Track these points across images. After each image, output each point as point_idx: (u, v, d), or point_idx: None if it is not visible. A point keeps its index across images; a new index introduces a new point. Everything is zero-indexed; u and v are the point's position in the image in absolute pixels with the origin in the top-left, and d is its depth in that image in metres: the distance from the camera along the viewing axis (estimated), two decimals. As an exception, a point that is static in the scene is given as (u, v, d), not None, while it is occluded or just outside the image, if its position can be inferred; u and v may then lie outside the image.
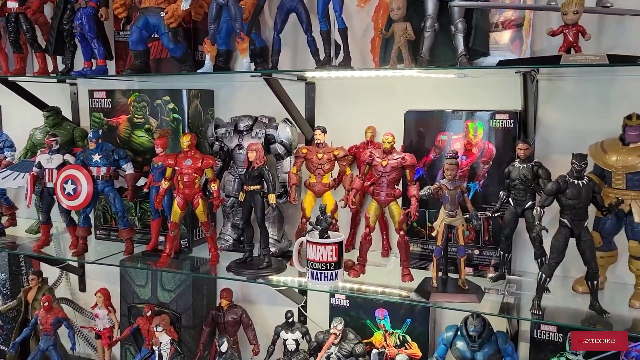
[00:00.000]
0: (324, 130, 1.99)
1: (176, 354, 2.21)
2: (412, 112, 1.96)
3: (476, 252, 1.92)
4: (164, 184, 2.03)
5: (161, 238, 2.15)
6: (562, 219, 1.57)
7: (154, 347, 2.15)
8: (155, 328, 2.13)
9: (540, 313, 1.58)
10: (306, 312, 2.30)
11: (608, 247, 1.74)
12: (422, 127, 1.95)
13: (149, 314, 2.26)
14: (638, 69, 1.71)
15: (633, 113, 1.62)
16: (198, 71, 1.95)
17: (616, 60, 1.43)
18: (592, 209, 1.67)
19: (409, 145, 1.97)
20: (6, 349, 2.56)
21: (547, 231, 1.60)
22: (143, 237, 2.29)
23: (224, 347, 2.02)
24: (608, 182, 1.67)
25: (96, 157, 2.11)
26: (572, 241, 1.61)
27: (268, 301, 2.41)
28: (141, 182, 2.23)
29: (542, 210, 1.58)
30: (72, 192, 2.11)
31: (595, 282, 1.57)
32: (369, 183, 1.92)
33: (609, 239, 1.72)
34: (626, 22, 1.69)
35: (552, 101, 1.89)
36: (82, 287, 2.76)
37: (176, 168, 2.01)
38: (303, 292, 2.31)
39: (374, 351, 1.85)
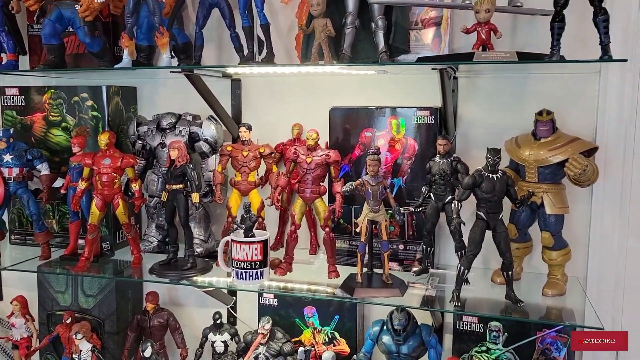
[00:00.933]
0: (249, 128, 1.96)
1: (98, 361, 2.12)
2: (337, 108, 1.97)
3: (401, 247, 1.94)
4: (81, 185, 1.95)
5: (82, 242, 2.06)
6: (479, 212, 1.62)
7: (73, 356, 2.05)
8: (74, 335, 2.03)
9: (459, 304, 1.62)
10: (236, 313, 2.27)
11: (523, 239, 1.80)
12: (348, 124, 1.96)
13: (68, 321, 2.15)
14: (549, 67, 1.80)
15: (543, 109, 1.69)
16: (115, 66, 1.87)
17: (525, 57, 1.49)
18: (508, 202, 1.73)
19: (335, 142, 1.97)
20: None
21: (464, 224, 1.64)
22: (62, 241, 2.19)
23: (147, 353, 1.95)
24: (522, 176, 1.73)
25: (7, 158, 2.00)
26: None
27: (197, 303, 2.36)
28: (59, 183, 2.13)
29: (459, 204, 1.62)
30: (-19, 195, 1.98)
31: (510, 272, 1.62)
32: (295, 181, 1.91)
33: (524, 231, 1.79)
34: (537, 21, 1.76)
35: (471, 98, 1.95)
36: (-2, 296, 2.60)
37: (94, 168, 1.92)
38: (232, 292, 2.27)
39: (300, 349, 1.84)
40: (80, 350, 2.04)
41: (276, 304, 2.10)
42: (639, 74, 1.77)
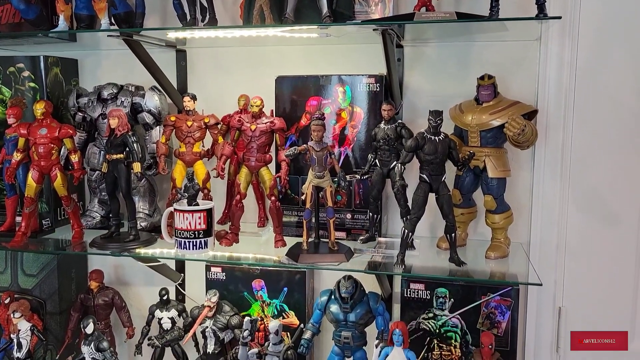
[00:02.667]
0: (194, 97, 1.92)
1: (39, 342, 2.03)
2: (283, 78, 1.95)
3: (348, 216, 1.94)
4: (16, 156, 1.87)
5: (19, 219, 1.97)
6: (422, 175, 1.62)
7: (12, 336, 1.97)
8: (12, 314, 1.95)
9: (404, 267, 1.62)
10: (184, 290, 2.22)
11: (468, 204, 1.82)
12: (294, 93, 1.94)
13: (7, 301, 2.06)
14: (492, 35, 1.82)
15: (485, 74, 1.70)
16: (50, 31, 1.80)
17: (464, 17, 1.49)
18: (453, 168, 1.75)
19: (282, 112, 1.95)
20: None
21: (407, 186, 1.64)
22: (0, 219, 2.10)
23: (89, 329, 1.88)
24: (465, 142, 1.75)
25: None
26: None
27: (143, 282, 2.30)
28: (-8, 157, 2.03)
29: (403, 167, 1.62)
30: None
31: (453, 234, 1.63)
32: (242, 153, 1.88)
33: (468, 196, 1.80)
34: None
35: (417, 67, 1.95)
36: None
37: (30, 138, 1.85)
38: (180, 269, 2.22)
39: (246, 319, 1.80)
40: (19, 330, 1.95)
41: (224, 277, 2.06)
42: (578, 42, 1.81)
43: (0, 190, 2.13)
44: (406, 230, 1.63)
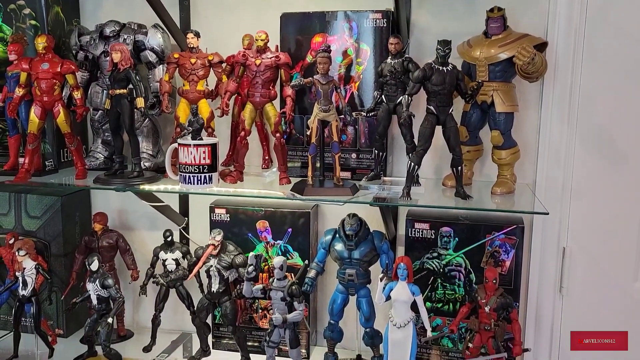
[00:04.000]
0: (197, 34, 1.89)
1: (45, 283, 2.04)
2: (288, 15, 1.91)
3: (353, 155, 1.92)
4: (19, 91, 1.84)
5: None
6: (429, 106, 1.60)
7: (17, 274, 1.97)
8: (17, 252, 1.95)
9: (410, 199, 1.61)
10: (188, 234, 2.22)
11: (474, 142, 1.80)
12: (299, 31, 1.91)
13: (11, 241, 2.06)
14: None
15: (495, 6, 1.68)
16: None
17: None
18: (459, 105, 1.73)
19: (287, 50, 1.91)
20: None
21: (414, 116, 1.63)
22: (2, 160, 2.08)
23: (94, 266, 1.89)
24: (473, 77, 1.72)
25: (-64, 64, 1.88)
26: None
27: (147, 226, 2.30)
28: (-5, 97, 2.01)
29: (409, 98, 1.60)
30: None
31: (459, 167, 1.62)
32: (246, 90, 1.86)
33: (475, 133, 1.79)
34: None
35: (425, 5, 1.92)
36: (-63, 227, 2.48)
37: (32, 73, 1.82)
38: (184, 213, 2.22)
39: (251, 254, 1.80)
40: (24, 268, 1.96)
41: (228, 219, 2.06)
42: (589, -23, 1.78)
43: (2, 131, 2.11)
44: (412, 163, 1.62)
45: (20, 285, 1.97)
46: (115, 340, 2.11)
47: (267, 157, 2.07)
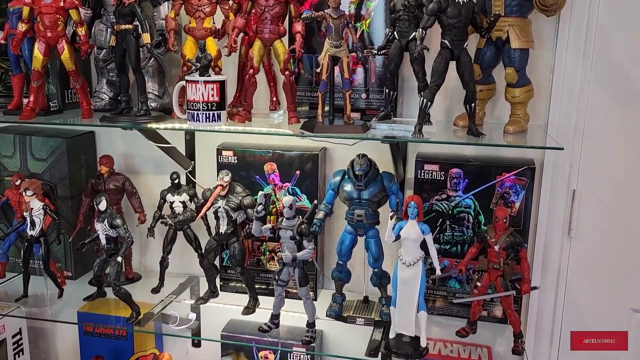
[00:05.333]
0: (203, -32, 1.83)
1: (53, 223, 2.04)
2: (297, -51, 1.85)
3: (363, 96, 1.89)
4: (21, 27, 1.80)
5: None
6: (443, 40, 1.56)
7: (24, 214, 1.97)
8: (24, 192, 1.94)
9: (422, 136, 1.58)
10: (195, 178, 2.21)
11: (487, 80, 1.77)
12: (308, -34, 1.85)
13: (17, 182, 2.05)
14: None
15: None
16: None
17: None
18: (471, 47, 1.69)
19: (296, -13, 1.86)
20: None
21: (428, 50, 1.59)
22: (5, 101, 2.05)
23: (102, 206, 1.88)
24: (488, 12, 1.68)
25: (-64, -2, 1.82)
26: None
27: (154, 170, 2.28)
28: (-2, 36, 1.97)
29: (423, 32, 1.56)
30: None
31: (473, 104, 1.60)
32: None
33: (488, 72, 1.76)
34: None
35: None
36: (-58, 171, 2.46)
37: (34, 7, 1.77)
38: (191, 157, 2.20)
39: (260, 193, 1.79)
40: (32, 209, 1.95)
41: (235, 161, 2.04)
42: None
43: (5, 71, 2.08)
44: (425, 100, 1.59)
45: (29, 225, 1.97)
46: (123, 283, 2.11)
47: (274, 99, 2.04)
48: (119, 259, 1.88)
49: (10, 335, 2.28)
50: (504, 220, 1.67)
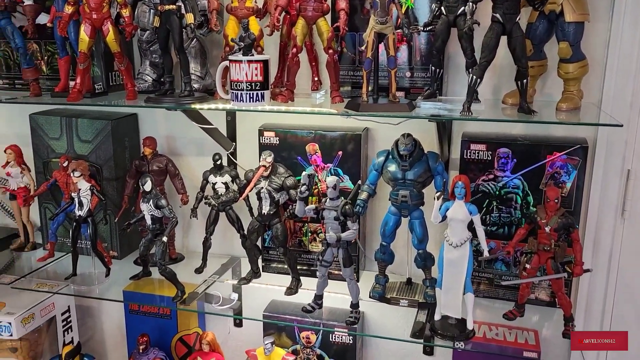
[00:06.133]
0: (246, -54, 1.81)
1: (99, 204, 2.08)
2: None
3: (408, 74, 1.85)
4: (68, 9, 1.82)
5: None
6: (494, 14, 1.51)
7: (72, 194, 2.01)
8: (72, 174, 1.98)
9: (471, 114, 1.54)
10: (236, 159, 2.21)
11: (538, 56, 1.71)
12: (352, -59, 1.81)
13: (65, 164, 2.10)
14: None
15: None
16: None
17: None
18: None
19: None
20: None
21: (478, 24, 1.54)
22: (52, 84, 2.08)
23: (147, 187, 1.90)
24: (541, -13, 1.61)
25: (-14, -17, 1.86)
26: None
27: (196, 152, 2.30)
28: (43, 19, 1.99)
29: (474, 5, 1.51)
30: (-39, 24, 1.86)
31: (524, 81, 1.54)
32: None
33: (540, 47, 1.69)
34: None
35: None
36: (-8, 153, 2.54)
37: (80, -11, 1.79)
38: (232, 138, 2.21)
39: (304, 173, 1.78)
40: (79, 189, 1.99)
41: (277, 142, 2.03)
42: None
43: (52, 54, 2.11)
44: (474, 76, 1.54)
45: (77, 206, 2.01)
46: (167, 263, 2.15)
47: (316, 79, 2.01)
48: (165, 239, 1.90)
49: (59, 313, 2.35)
50: (556, 200, 1.62)
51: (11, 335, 2.13)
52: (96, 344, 2.61)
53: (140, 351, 2.17)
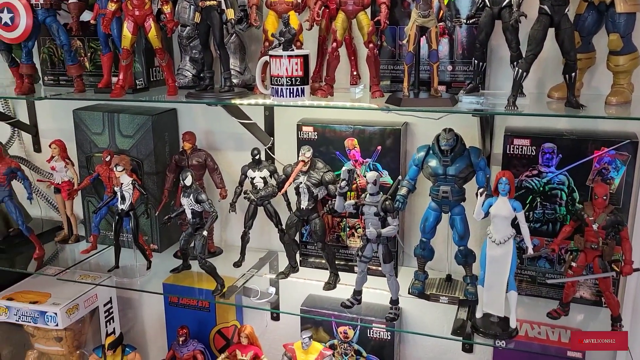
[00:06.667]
0: (285, -59, 1.80)
1: (141, 197, 2.11)
2: None
3: (449, 68, 1.82)
4: (111, 6, 1.85)
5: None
6: (542, 6, 1.47)
7: (115, 189, 2.05)
8: (114, 168, 2.02)
9: (517, 108, 1.51)
10: (274, 154, 2.22)
11: (586, 48, 1.66)
12: None
13: (107, 159, 2.14)
14: None
15: None
16: None
17: None
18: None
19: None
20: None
21: (525, 17, 1.50)
22: (95, 80, 2.12)
23: (188, 181, 1.93)
24: (590, -25, 1.56)
25: (33, -18, 1.90)
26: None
27: (234, 147, 2.31)
28: (87, 16, 2.03)
29: (521, -4, 1.47)
30: (9, 22, 1.91)
31: (573, 74, 1.50)
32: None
33: (588, 39, 1.64)
34: None
35: None
36: (37, 148, 2.61)
37: (123, -13, 1.82)
38: (270, 132, 2.21)
39: (344, 168, 1.78)
40: (122, 184, 2.03)
41: (316, 137, 2.03)
42: None
43: (95, 51, 2.15)
44: (520, 70, 1.50)
45: (119, 200, 2.05)
46: (207, 256, 2.17)
47: (355, 73, 1.99)
48: (205, 233, 1.92)
49: (102, 304, 2.40)
50: (604, 197, 1.58)
51: (57, 325, 2.19)
52: (136, 334, 2.66)
53: (180, 343, 2.20)
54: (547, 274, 1.84)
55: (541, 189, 1.79)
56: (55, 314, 2.18)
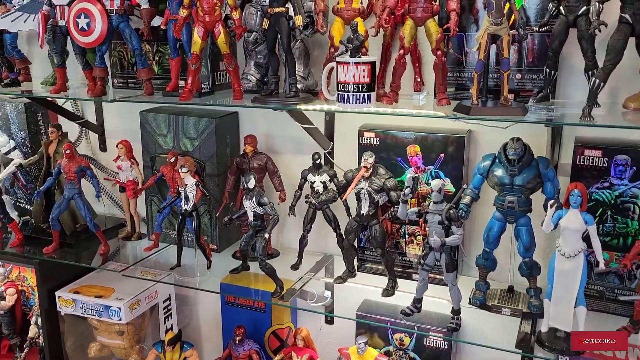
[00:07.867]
0: (352, -52, 1.81)
1: (203, 197, 2.16)
2: None
3: (518, 76, 1.79)
4: (182, 12, 1.90)
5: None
6: (623, 15, 1.43)
7: (179, 189, 2.10)
8: (180, 169, 2.07)
9: (593, 119, 1.47)
10: (333, 158, 2.23)
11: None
12: (463, -60, 1.76)
13: (172, 160, 2.19)
14: None
15: None
16: None
17: None
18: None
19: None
20: (30, 207, 2.57)
21: (606, 26, 1.46)
22: (163, 83, 2.18)
23: (251, 184, 1.96)
24: (674, -19, 1.50)
25: (109, -12, 1.97)
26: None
27: (294, 150, 2.33)
28: (157, 22, 2.09)
29: (600, 5, 1.43)
30: (85, 27, 1.99)
31: (654, 85, 1.45)
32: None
33: (669, 48, 1.58)
34: None
35: None
36: (103, 147, 2.70)
37: (194, -7, 1.87)
38: (330, 137, 2.23)
39: (408, 175, 1.77)
40: (186, 185, 2.08)
41: (377, 143, 2.03)
42: None
43: (163, 55, 2.22)
44: (597, 80, 1.47)
45: (183, 200, 2.10)
46: (266, 258, 2.20)
47: (419, 80, 1.99)
48: (267, 235, 1.95)
49: (161, 300, 2.47)
50: (683, 212, 1.52)
51: (120, 319, 2.27)
52: (192, 331, 2.72)
53: (237, 342, 2.24)
54: (617, 290, 1.78)
55: (612, 201, 1.74)
56: (119, 308, 2.26)
